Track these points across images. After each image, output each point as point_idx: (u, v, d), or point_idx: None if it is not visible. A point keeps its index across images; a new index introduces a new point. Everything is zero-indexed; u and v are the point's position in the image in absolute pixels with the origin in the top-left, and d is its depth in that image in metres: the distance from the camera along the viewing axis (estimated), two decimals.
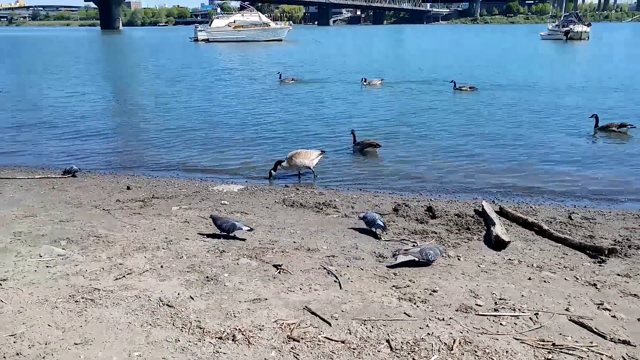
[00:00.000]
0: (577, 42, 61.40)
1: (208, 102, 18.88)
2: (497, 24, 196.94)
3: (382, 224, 6.12)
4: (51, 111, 16.90)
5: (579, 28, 65.06)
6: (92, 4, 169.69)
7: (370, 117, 15.45)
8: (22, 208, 7.18)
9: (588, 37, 65.04)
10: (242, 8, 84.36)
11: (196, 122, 15.01)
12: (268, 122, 14.91)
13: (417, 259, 5.17)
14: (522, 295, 4.52)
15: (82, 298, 4.36)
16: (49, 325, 3.89)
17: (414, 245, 5.64)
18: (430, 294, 4.55)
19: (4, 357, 3.47)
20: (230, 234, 5.93)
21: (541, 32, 73.39)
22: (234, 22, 74.02)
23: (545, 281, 4.86)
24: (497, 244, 5.86)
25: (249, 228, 5.98)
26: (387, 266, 5.21)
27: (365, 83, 22.54)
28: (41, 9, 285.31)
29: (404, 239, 6.08)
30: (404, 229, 6.48)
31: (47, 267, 5.03)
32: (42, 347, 3.60)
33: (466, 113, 15.96)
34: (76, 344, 3.65)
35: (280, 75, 24.73)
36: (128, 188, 8.52)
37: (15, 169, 10.14)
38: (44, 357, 3.48)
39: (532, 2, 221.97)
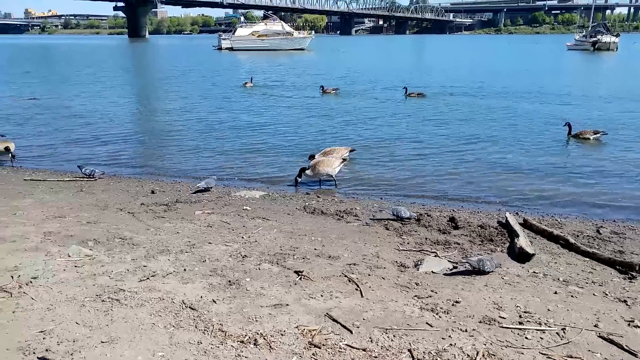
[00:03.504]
0: (604, 53, 60.33)
1: (231, 110, 19.11)
2: (521, 34, 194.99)
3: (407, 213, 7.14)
4: (81, 117, 17.31)
5: (607, 38, 63.98)
6: (120, 13, 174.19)
7: (394, 126, 15.44)
8: (52, 209, 7.38)
9: (617, 48, 63.84)
10: (265, 17, 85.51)
11: (219, 129, 15.20)
12: (283, 130, 15.06)
13: (473, 267, 5.24)
14: (548, 310, 4.43)
15: (109, 298, 4.45)
16: (76, 323, 3.98)
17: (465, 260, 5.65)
18: (452, 305, 4.50)
19: (34, 353, 3.56)
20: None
21: (567, 42, 72.39)
22: (258, 31, 74.93)
23: (572, 296, 4.76)
24: (521, 256, 5.77)
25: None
26: (444, 274, 5.27)
27: (322, 90, 23.81)
28: (72, 17, 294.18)
29: (424, 249, 6.03)
30: (426, 239, 6.43)
31: (75, 266, 5.15)
32: (71, 344, 3.68)
33: (483, 122, 15.87)
34: (103, 342, 3.72)
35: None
36: (152, 192, 8.67)
37: (46, 171, 10.42)
38: (72, 354, 3.56)
39: (558, 12, 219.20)
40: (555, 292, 4.83)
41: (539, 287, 4.99)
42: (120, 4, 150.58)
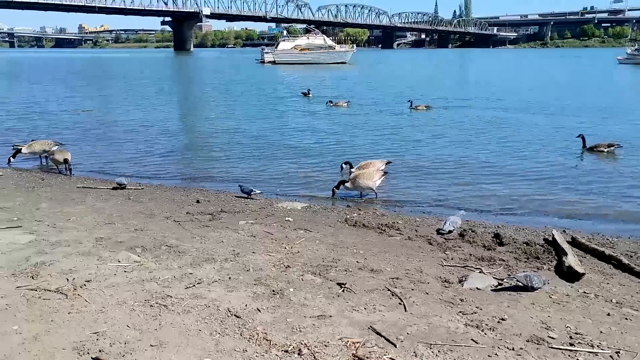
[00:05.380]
0: None
1: (275, 123, 19.44)
2: (569, 48, 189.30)
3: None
4: (131, 128, 18.06)
5: None
6: (167, 27, 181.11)
7: (426, 140, 15.29)
8: (103, 216, 7.70)
9: None
10: (307, 31, 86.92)
11: (262, 141, 15.48)
12: (327, 142, 15.19)
13: (521, 284, 5.13)
14: (601, 332, 4.26)
15: (157, 303, 4.60)
16: (127, 326, 4.13)
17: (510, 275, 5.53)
18: (498, 322, 4.40)
19: (88, 353, 3.73)
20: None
21: (618, 55, 69.81)
22: (300, 44, 76.10)
23: (626, 318, 4.55)
24: (570, 275, 5.56)
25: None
26: (490, 290, 5.16)
27: (331, 104, 23.55)
28: (122, 32, 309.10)
29: (468, 265, 5.92)
30: (470, 255, 6.31)
31: (125, 272, 5.35)
32: (122, 346, 3.82)
33: (521, 137, 15.51)
34: (152, 345, 3.85)
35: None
36: (197, 201, 8.90)
37: (96, 179, 10.90)
38: (124, 356, 3.70)
39: (608, 25, 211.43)
40: (608, 314, 4.63)
41: (590, 308, 4.79)
42: (168, 18, 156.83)
